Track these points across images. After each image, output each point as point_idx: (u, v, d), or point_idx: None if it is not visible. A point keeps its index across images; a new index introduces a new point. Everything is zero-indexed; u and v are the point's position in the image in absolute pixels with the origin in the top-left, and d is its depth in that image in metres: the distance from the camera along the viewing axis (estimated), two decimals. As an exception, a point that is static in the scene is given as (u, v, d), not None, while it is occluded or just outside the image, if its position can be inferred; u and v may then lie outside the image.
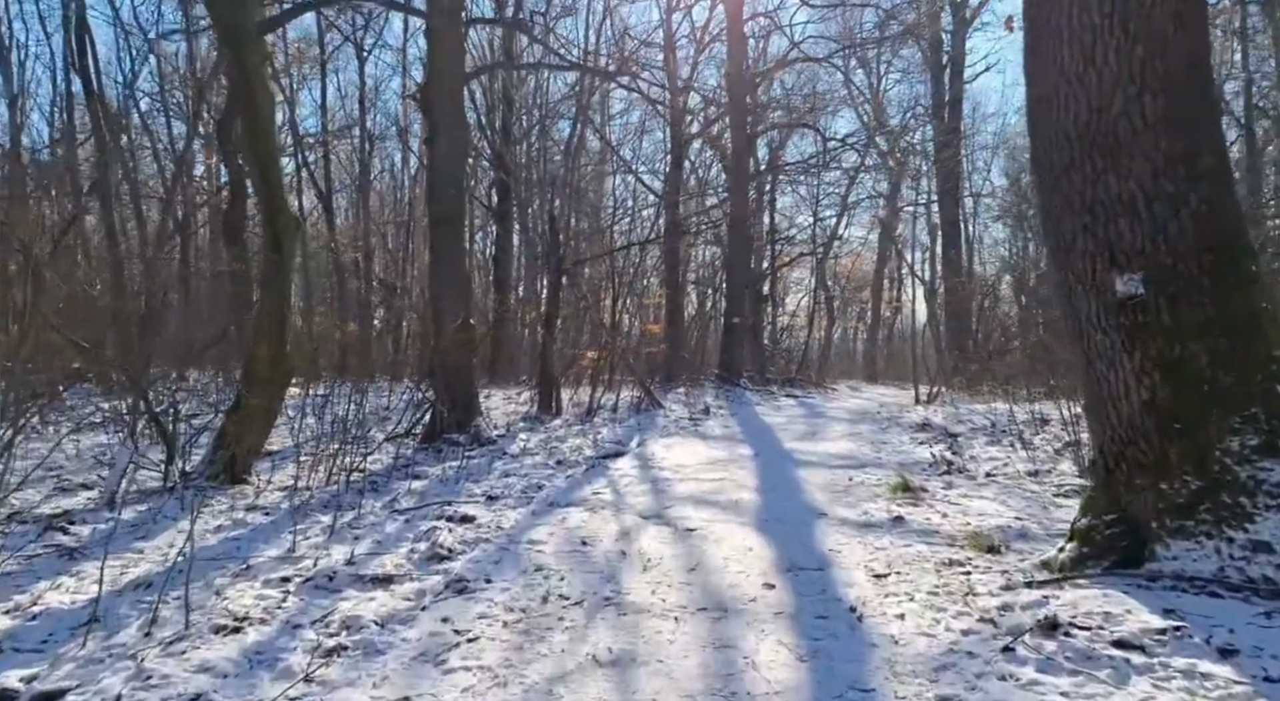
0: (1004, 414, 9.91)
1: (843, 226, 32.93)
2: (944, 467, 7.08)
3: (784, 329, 31.04)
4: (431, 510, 6.69)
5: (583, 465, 8.54)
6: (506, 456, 9.41)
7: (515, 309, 19.61)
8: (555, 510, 6.35)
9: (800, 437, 9.97)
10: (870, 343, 41.54)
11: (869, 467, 7.40)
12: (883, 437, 9.26)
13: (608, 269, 17.29)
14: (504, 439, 10.52)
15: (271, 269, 7.76)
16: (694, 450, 9.30)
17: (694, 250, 30.78)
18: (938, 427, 9.42)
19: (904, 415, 11.47)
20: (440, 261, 10.25)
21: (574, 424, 11.96)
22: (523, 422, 12.20)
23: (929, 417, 10.44)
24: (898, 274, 44.60)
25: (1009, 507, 5.61)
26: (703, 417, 12.85)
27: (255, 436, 7.99)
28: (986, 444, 8.09)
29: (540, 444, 10.08)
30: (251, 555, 5.46)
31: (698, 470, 7.90)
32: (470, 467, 8.62)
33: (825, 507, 5.91)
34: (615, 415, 12.99)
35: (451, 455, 9.35)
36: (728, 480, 7.26)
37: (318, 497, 7.39)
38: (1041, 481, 6.44)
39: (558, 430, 11.38)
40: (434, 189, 10.33)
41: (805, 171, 25.55)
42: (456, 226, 10.29)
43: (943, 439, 8.59)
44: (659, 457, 8.81)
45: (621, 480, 7.56)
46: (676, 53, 18.85)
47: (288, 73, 25.34)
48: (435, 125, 10.19)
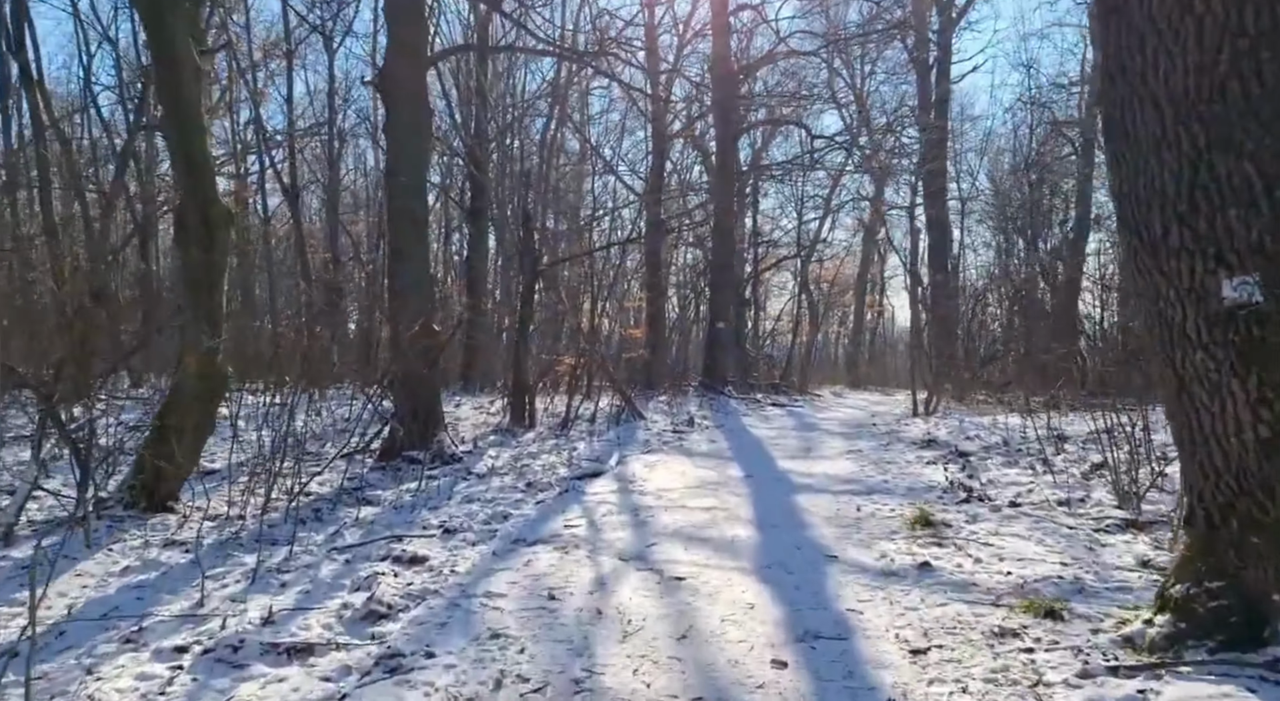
0: (1015, 429, 9.17)
1: (826, 229, 32.37)
2: (962, 494, 6.29)
3: (767, 334, 30.30)
4: (377, 547, 5.78)
5: (556, 488, 7.66)
6: (471, 477, 8.51)
7: (490, 313, 18.67)
8: (521, 549, 5.47)
9: (795, 455, 9.16)
10: (853, 348, 41.02)
11: (877, 494, 6.59)
12: (886, 456, 8.48)
13: (586, 271, 16.43)
14: (470, 456, 9.61)
15: (200, 267, 6.81)
16: (679, 470, 8.45)
17: (674, 253, 30.03)
18: (944, 444, 8.65)
19: (903, 428, 10.71)
20: (400, 259, 9.34)
21: (548, 437, 11.07)
22: (493, 436, 11.29)
23: (932, 432, 9.68)
24: (880, 278, 44.25)
25: (1049, 549, 4.81)
26: (687, 429, 12.01)
27: (183, 457, 7.02)
28: (1003, 465, 7.33)
29: (510, 462, 9.19)
30: (153, 608, 4.55)
31: (684, 496, 7.05)
32: (429, 491, 7.72)
33: (835, 548, 5.08)
34: (593, 427, 12.12)
35: (410, 475, 8.43)
36: (719, 509, 6.41)
37: (251, 529, 6.47)
38: (1076, 513, 5.65)
39: (530, 445, 10.49)
40: (393, 181, 9.42)
41: (790, 172, 24.84)
42: (418, 221, 9.39)
43: (953, 458, 7.82)
44: (641, 479, 7.96)
45: (599, 508, 6.69)
46: (658, 45, 18.06)
47: (255, 70, 24.29)
48: (395, 111, 9.28)
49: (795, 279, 35.92)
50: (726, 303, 19.04)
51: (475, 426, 12.30)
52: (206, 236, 6.71)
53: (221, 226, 6.78)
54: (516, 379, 11.78)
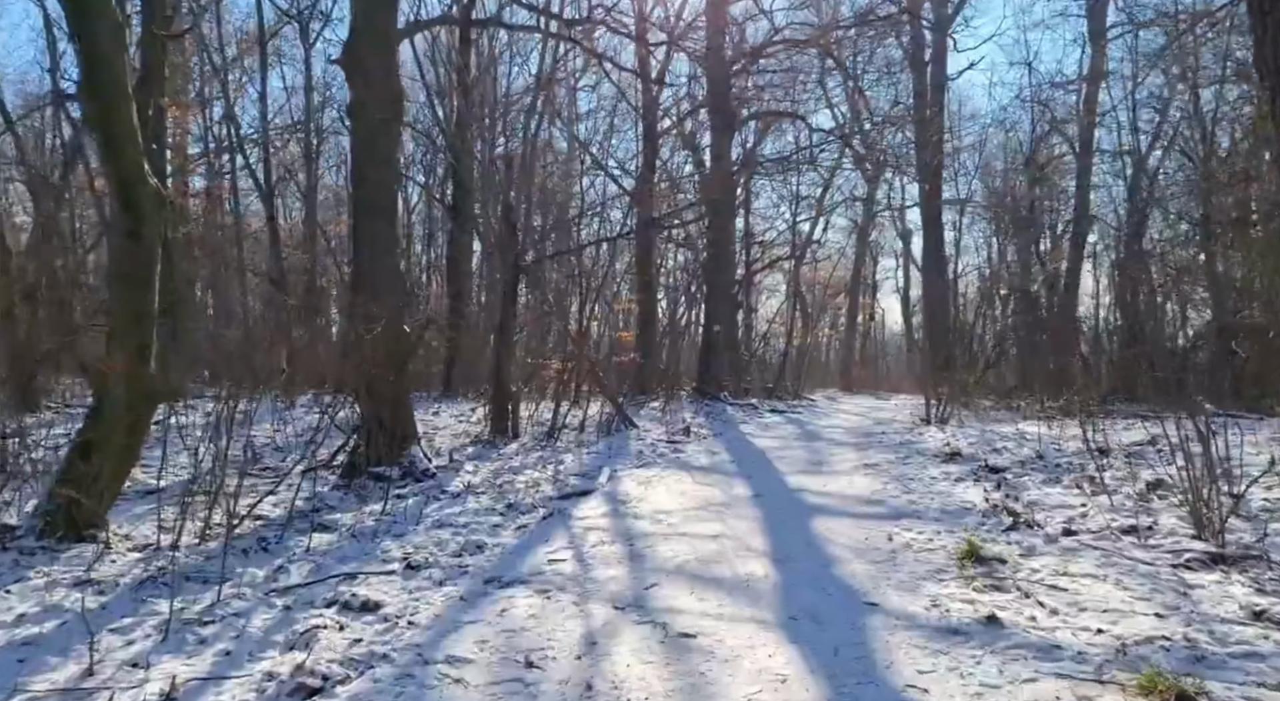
0: (1045, 440, 8.35)
1: (819, 230, 31.64)
2: (1007, 520, 5.45)
3: (760, 337, 29.50)
4: (326, 588, 4.89)
5: (539, 510, 6.76)
6: (445, 496, 7.61)
7: (473, 314, 17.73)
8: (494, 592, 4.58)
9: (804, 469, 8.30)
10: (846, 351, 40.29)
11: (907, 519, 5.74)
12: (906, 471, 7.64)
13: (574, 271, 15.54)
14: (445, 471, 8.70)
15: (127, 258, 5.89)
16: (678, 487, 7.57)
17: (665, 254, 29.15)
18: (970, 458, 7.82)
19: (918, 439, 9.88)
20: (366, 256, 8.43)
21: (532, 449, 10.16)
22: (472, 447, 10.38)
23: (952, 443, 8.84)
24: (872, 280, 43.59)
25: (1134, 595, 3.97)
26: (683, 439, 11.14)
27: (108, 478, 6.09)
28: (1044, 483, 6.49)
29: (489, 478, 8.28)
30: (33, 676, 3.67)
31: (685, 520, 6.17)
32: (395, 514, 6.81)
33: (872, 591, 4.22)
34: (582, 436, 11.23)
35: (375, 495, 7.51)
36: (727, 538, 5.54)
37: (185, 561, 5.57)
38: (1146, 544, 4.81)
39: (513, 458, 9.58)
40: (359, 168, 8.51)
41: (786, 168, 24.03)
42: (387, 214, 8.48)
43: (985, 475, 6.99)
44: (635, 499, 7.07)
45: (588, 536, 5.80)
46: (649, 34, 17.19)
47: (226, 65, 23.30)
48: (360, 90, 8.38)
49: (786, 281, 35.19)
50: (722, 304, 18.19)
51: (454, 437, 11.38)
52: (133, 224, 5.79)
53: (151, 213, 5.86)
54: (498, 386, 10.88)
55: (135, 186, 5.74)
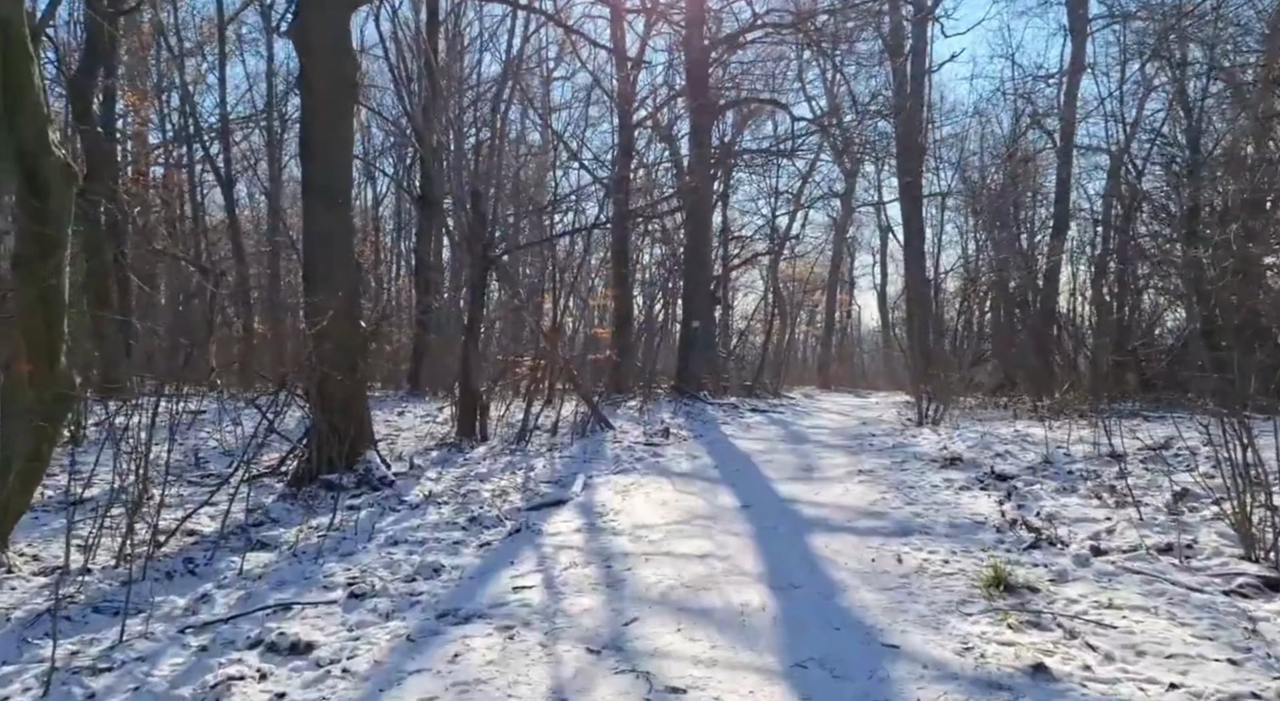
0: (1049, 444, 7.83)
1: (798, 225, 31.21)
2: (1026, 536, 4.89)
3: (738, 334, 29.01)
4: (252, 622, 4.21)
5: (506, 525, 6.10)
6: (403, 507, 6.92)
7: (441, 309, 16.96)
8: (448, 629, 3.92)
9: (794, 476, 7.71)
10: (824, 348, 39.95)
11: (916, 535, 5.16)
12: (904, 477, 7.08)
13: (548, 264, 14.85)
14: (405, 478, 8.00)
15: (32, 240, 5.14)
16: (659, 497, 6.94)
17: (641, 248, 28.54)
18: (972, 463, 7.28)
19: (910, 441, 9.33)
20: (317, 244, 7.70)
21: (501, 453, 9.48)
22: (437, 452, 9.68)
23: (948, 446, 8.31)
24: (849, 276, 43.30)
25: (1195, 632, 3.41)
26: (662, 442, 10.51)
27: (14, 493, 5.34)
28: (1057, 492, 5.96)
29: (453, 487, 7.60)
30: None
31: (669, 536, 5.54)
32: (345, 529, 6.12)
33: (889, 627, 3.62)
34: (555, 439, 10.56)
35: (325, 506, 6.81)
36: (716, 558, 4.92)
37: (96, 588, 4.87)
38: (1189, 565, 4.27)
39: (479, 463, 8.90)
40: (309, 148, 7.76)
41: (765, 160, 23.53)
42: (340, 199, 7.75)
43: (991, 482, 6.44)
44: (612, 511, 6.43)
45: (559, 557, 5.15)
46: (625, 13, 16.53)
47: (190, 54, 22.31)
48: (310, 63, 7.64)
49: (764, 277, 34.71)
50: (701, 300, 17.59)
51: (418, 439, 10.67)
52: (36, 200, 5.05)
53: (58, 187, 5.12)
54: (465, 385, 10.19)
55: (39, 157, 5.00)
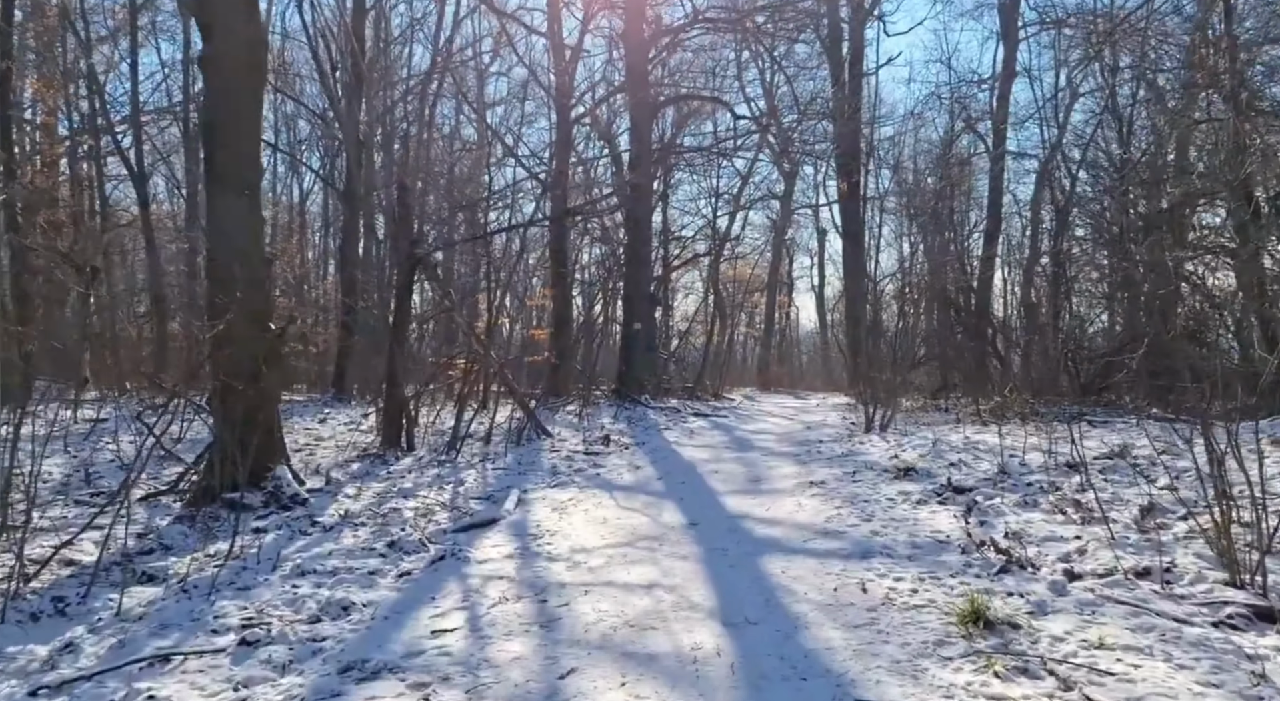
0: (999, 451, 7.59)
1: (737, 226, 31.08)
2: (995, 559, 4.53)
3: (680, 335, 28.72)
4: (119, 681, 3.56)
5: (429, 549, 5.50)
6: (315, 530, 6.25)
7: (367, 309, 16.08)
8: (351, 690, 3.34)
9: (743, 488, 7.28)
10: (764, 350, 39.99)
11: (878, 558, 4.76)
12: (857, 489, 6.72)
13: (484, 263, 14.18)
14: (321, 495, 7.30)
15: None
16: (599, 514, 6.42)
17: (580, 248, 27.96)
18: (926, 474, 6.96)
19: (860, 449, 9.01)
20: (222, 237, 6.95)
21: (429, 464, 8.83)
22: (358, 464, 8.97)
23: (899, 454, 8.01)
24: (789, 278, 43.49)
25: (1197, 677, 3.07)
26: (602, 451, 10.00)
27: None
28: (1018, 506, 5.66)
29: (373, 505, 6.94)
30: None
31: (610, 561, 5.04)
32: (246, 558, 5.44)
33: (862, 677, 3.18)
34: (488, 449, 9.95)
35: (226, 530, 6.09)
36: (663, 588, 4.44)
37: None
38: (1173, 593, 3.96)
39: (405, 476, 8.24)
40: (213, 132, 7.00)
41: (706, 158, 23.24)
42: (248, 188, 7.01)
43: (949, 495, 6.12)
44: (548, 532, 5.89)
45: (487, 590, 4.60)
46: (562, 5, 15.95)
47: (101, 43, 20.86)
48: (213, 39, 6.88)
49: (703, 278, 34.46)
50: (642, 301, 17.13)
51: (339, 449, 9.92)
52: None
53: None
54: (390, 391, 9.50)
55: None
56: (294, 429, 12.01)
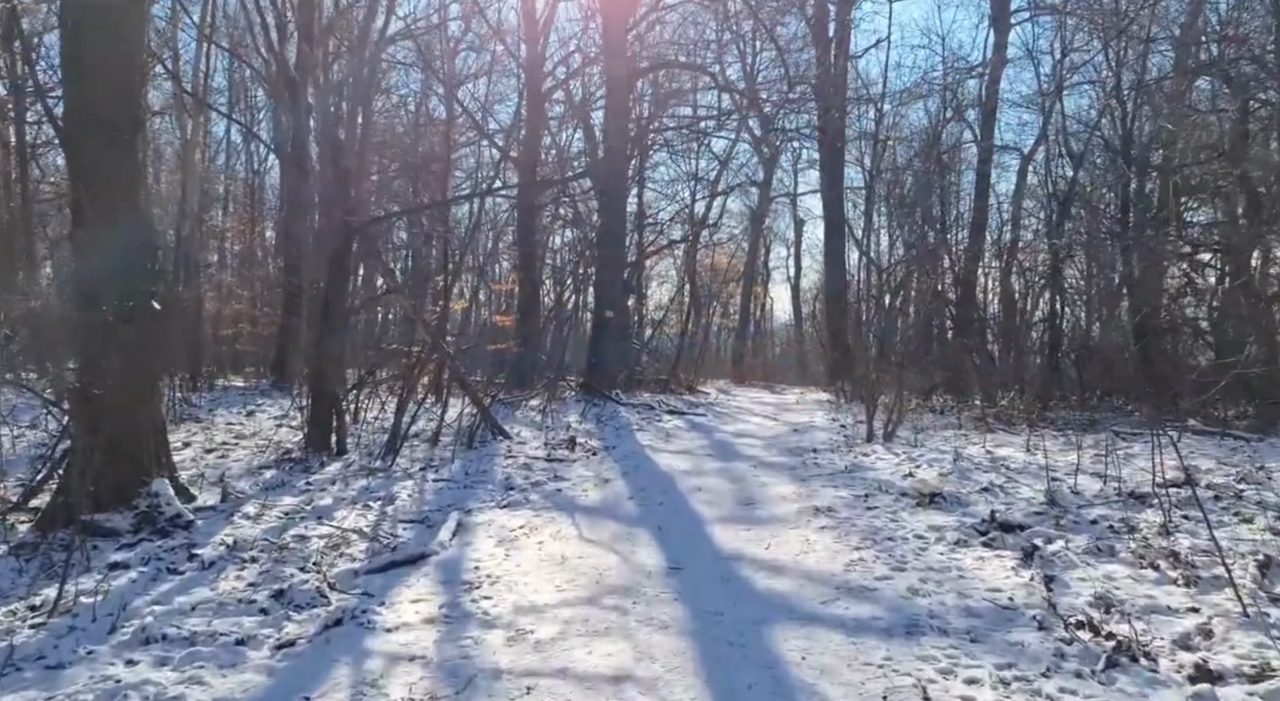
0: (1033, 470, 6.40)
1: (715, 213, 29.84)
2: (1095, 647, 3.32)
3: (654, 325, 27.48)
4: None
5: (328, 602, 4.15)
6: (191, 567, 4.86)
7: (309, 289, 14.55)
8: None
9: (732, 513, 6.00)
10: (739, 341, 38.87)
11: (929, 634, 3.52)
12: (875, 520, 5.47)
13: (440, 239, 12.72)
14: (212, 516, 5.90)
15: None
16: (556, 549, 5.11)
17: (551, 233, 26.52)
18: (956, 501, 5.75)
19: (865, 461, 7.78)
20: (86, 194, 5.48)
21: (359, 473, 7.43)
22: (275, 470, 7.56)
23: (915, 472, 6.80)
24: (765, 268, 42.39)
25: None
26: (566, 456, 8.68)
27: None
28: (1088, 553, 4.46)
29: (275, 530, 5.55)
30: None
31: (566, 633, 3.73)
32: (79, 613, 4.06)
33: None
34: (434, 452, 8.59)
35: (79, 565, 4.68)
36: (636, 684, 3.15)
37: None
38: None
39: (325, 489, 6.84)
40: (76, 65, 5.52)
41: (685, 140, 21.94)
42: (124, 133, 5.56)
43: (991, 532, 4.88)
44: (488, 578, 4.57)
45: (389, 683, 3.26)
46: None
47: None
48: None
49: (678, 266, 33.18)
50: (615, 288, 15.78)
51: (257, 450, 8.48)
52: None
53: None
54: (317, 385, 8.10)
55: None
56: (215, 424, 10.54)
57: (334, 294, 8.27)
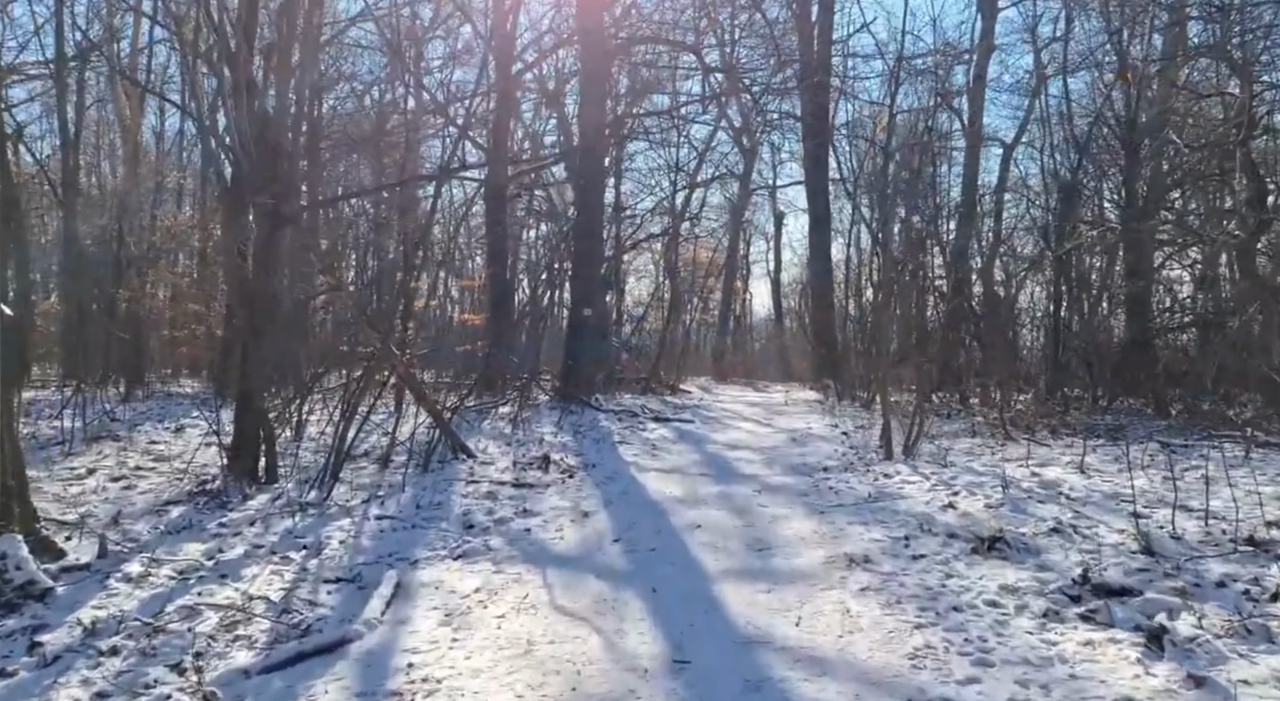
0: (1101, 498, 5.30)
1: (695, 205, 28.65)
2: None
3: (635, 321, 26.28)
4: None
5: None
6: (26, 664, 3.59)
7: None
8: None
9: (744, 564, 4.80)
10: (720, 337, 37.77)
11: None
12: (926, 577, 4.30)
13: (396, 233, 11.44)
14: (81, 579, 4.61)
15: None
16: (520, 628, 3.91)
17: (526, 227, 25.22)
18: (1020, 545, 4.62)
19: (886, 483, 6.63)
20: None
21: (287, 510, 6.15)
22: (185, 506, 6.28)
23: (956, 502, 5.68)
24: (746, 262, 41.25)
25: None
26: (538, 479, 7.47)
27: None
28: (1233, 633, 3.34)
29: (152, 602, 4.28)
30: None
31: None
32: None
33: None
34: (382, 478, 7.34)
35: None
36: None
37: None
38: None
39: (238, 534, 5.56)
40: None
41: (664, 129, 20.73)
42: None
43: (1085, 597, 3.76)
44: (423, 681, 3.35)
45: None
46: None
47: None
48: None
49: (655, 261, 31.99)
50: (592, 284, 14.56)
51: (173, 480, 7.17)
52: None
53: None
54: (243, 402, 6.83)
55: None
56: (134, 443, 9.20)
57: (258, 292, 6.98)
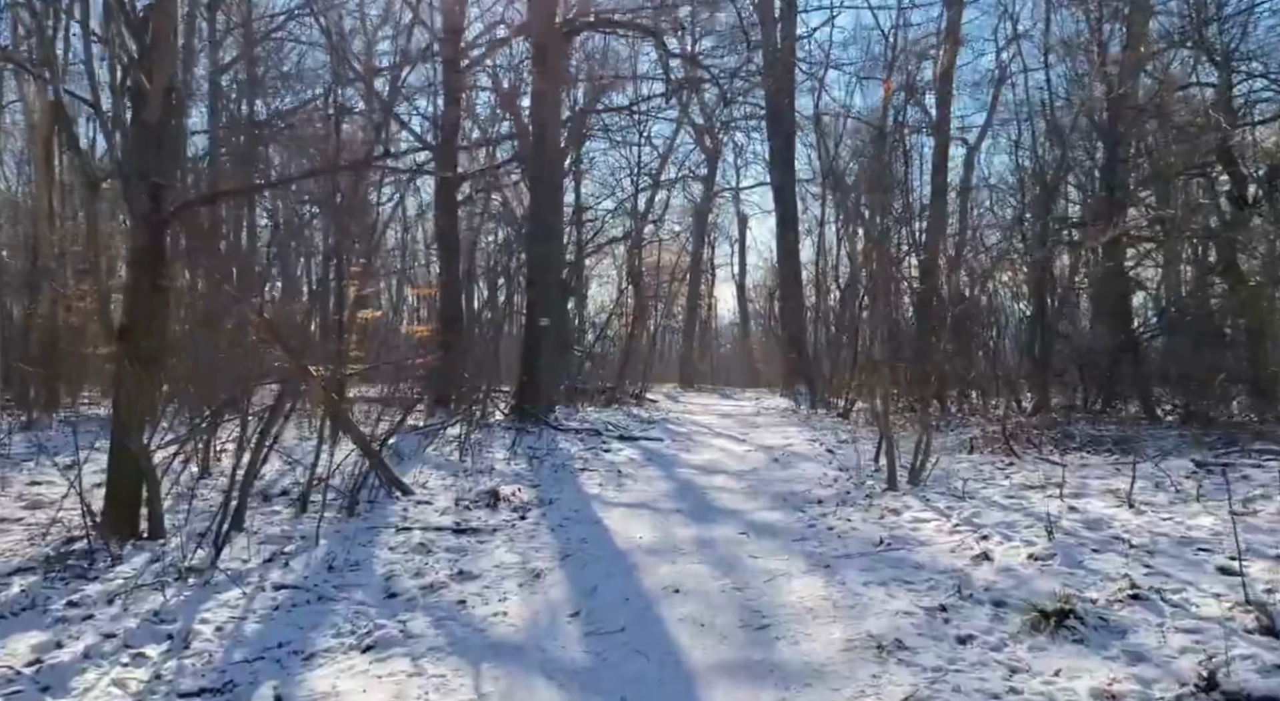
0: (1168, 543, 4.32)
1: (658, 208, 27.62)
2: None
3: (598, 329, 25.20)
4: None
5: None
6: None
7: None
8: None
9: (743, 658, 3.65)
10: (685, 343, 36.80)
11: None
12: (984, 675, 3.14)
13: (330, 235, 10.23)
14: None
15: None
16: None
17: (479, 231, 23.94)
18: (1102, 624, 3.61)
19: (896, 522, 5.59)
20: None
21: (163, 578, 4.91)
22: (37, 575, 5.00)
23: (990, 550, 4.67)
24: (711, 266, 40.35)
25: None
26: (485, 522, 6.31)
27: None
28: None
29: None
30: None
31: None
32: None
33: None
34: (295, 527, 6.12)
35: None
36: None
37: None
38: None
39: (88, 619, 4.31)
40: None
41: (624, 126, 19.71)
42: None
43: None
44: None
45: None
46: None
47: None
48: None
49: (617, 266, 30.97)
50: (551, 291, 13.41)
51: (36, 534, 5.86)
52: None
53: None
54: (117, 444, 5.59)
55: None
56: (10, 484, 7.82)
57: (138, 307, 5.74)
